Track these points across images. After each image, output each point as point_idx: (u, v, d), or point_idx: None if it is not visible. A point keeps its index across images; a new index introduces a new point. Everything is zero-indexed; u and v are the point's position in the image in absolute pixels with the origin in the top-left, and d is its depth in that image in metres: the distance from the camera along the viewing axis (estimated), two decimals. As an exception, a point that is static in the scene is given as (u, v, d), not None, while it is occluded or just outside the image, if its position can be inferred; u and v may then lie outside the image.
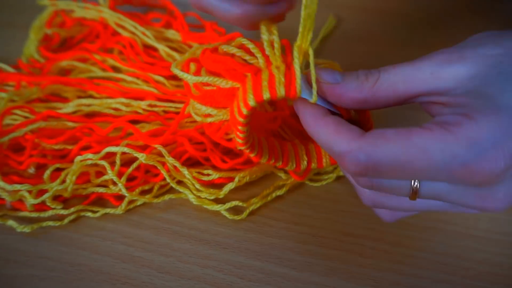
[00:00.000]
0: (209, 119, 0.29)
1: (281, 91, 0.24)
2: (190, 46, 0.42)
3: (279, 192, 0.34)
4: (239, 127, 0.26)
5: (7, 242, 0.31)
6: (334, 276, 0.30)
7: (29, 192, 0.31)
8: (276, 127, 0.33)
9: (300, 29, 0.25)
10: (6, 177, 0.32)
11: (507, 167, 0.20)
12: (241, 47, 0.26)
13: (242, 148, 0.28)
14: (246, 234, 0.32)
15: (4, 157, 0.33)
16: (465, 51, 0.23)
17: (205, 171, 0.34)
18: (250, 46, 0.25)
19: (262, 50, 0.25)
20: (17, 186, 0.31)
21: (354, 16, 0.50)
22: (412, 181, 0.23)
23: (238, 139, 0.27)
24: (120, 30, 0.42)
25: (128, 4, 0.47)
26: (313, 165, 0.32)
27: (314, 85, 0.24)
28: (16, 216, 0.32)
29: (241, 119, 0.25)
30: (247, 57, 0.26)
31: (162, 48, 0.41)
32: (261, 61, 0.25)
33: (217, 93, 0.27)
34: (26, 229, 0.31)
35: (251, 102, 0.24)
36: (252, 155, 0.29)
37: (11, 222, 0.32)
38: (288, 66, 0.25)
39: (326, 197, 0.34)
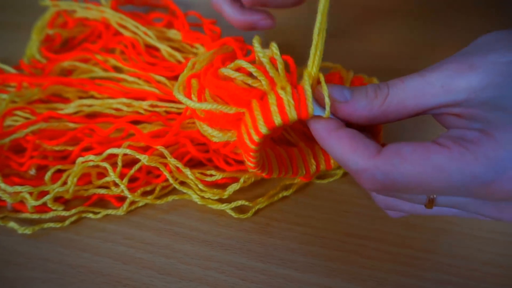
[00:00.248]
0: (215, 139, 0.29)
1: (292, 114, 0.23)
2: (192, 46, 0.42)
3: (285, 193, 0.34)
4: (251, 153, 0.25)
5: (8, 244, 0.31)
6: (337, 277, 0.30)
7: (30, 193, 0.31)
8: (279, 133, 0.33)
9: (311, 56, 0.24)
10: (7, 178, 0.32)
11: None
12: (242, 70, 0.25)
13: (254, 170, 0.27)
14: (248, 235, 0.32)
15: (5, 158, 0.33)
16: (476, 59, 0.22)
17: (208, 172, 0.34)
18: (252, 69, 0.24)
19: (264, 71, 0.24)
20: (18, 188, 0.31)
21: (355, 15, 0.50)
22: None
23: (249, 163, 0.26)
24: (122, 30, 0.42)
25: (130, 4, 0.47)
26: (322, 167, 0.31)
27: (327, 99, 0.23)
28: (17, 217, 0.32)
29: (253, 147, 0.24)
30: (250, 81, 0.24)
31: (164, 48, 0.41)
32: (264, 84, 0.24)
33: (222, 118, 0.26)
34: (27, 230, 0.31)
35: (263, 130, 0.23)
36: (263, 174, 0.28)
37: (12, 224, 0.31)
38: (294, 86, 0.24)
39: (329, 198, 0.34)
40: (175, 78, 0.39)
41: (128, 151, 0.31)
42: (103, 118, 0.36)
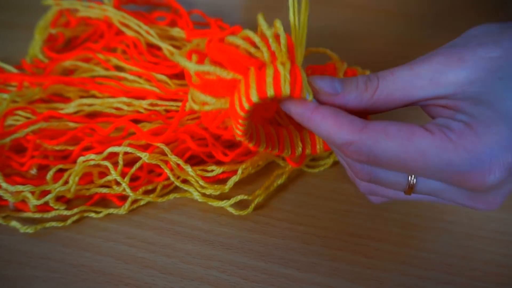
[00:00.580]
0: (207, 107, 0.28)
1: (286, 90, 0.23)
2: None
3: (280, 181, 0.34)
4: (240, 121, 0.25)
5: (10, 243, 0.31)
6: (338, 277, 0.30)
7: (32, 193, 0.31)
8: (272, 114, 0.33)
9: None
10: (9, 178, 0.32)
11: (502, 180, 0.21)
12: (247, 39, 0.25)
13: (241, 139, 0.27)
14: (249, 235, 0.32)
15: (6, 158, 0.33)
16: (465, 52, 0.22)
17: (209, 168, 0.34)
18: (256, 39, 0.25)
19: (268, 44, 0.24)
20: (20, 187, 0.31)
21: (355, 16, 0.49)
22: (409, 178, 0.23)
23: (237, 130, 0.26)
24: (124, 29, 0.42)
25: (132, 3, 0.47)
26: (307, 151, 0.32)
27: (312, 86, 0.24)
28: (19, 217, 0.32)
29: (242, 114, 0.24)
30: (252, 50, 0.25)
31: (165, 47, 0.41)
32: (266, 55, 0.24)
33: (217, 83, 0.26)
34: (29, 230, 0.31)
35: (254, 98, 0.23)
36: (250, 145, 0.28)
37: (14, 223, 0.31)
38: (293, 64, 0.24)
39: (330, 197, 0.34)
40: (177, 76, 0.39)
41: (128, 149, 0.31)
42: (104, 118, 0.36)
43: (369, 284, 0.29)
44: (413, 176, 0.23)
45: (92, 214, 0.33)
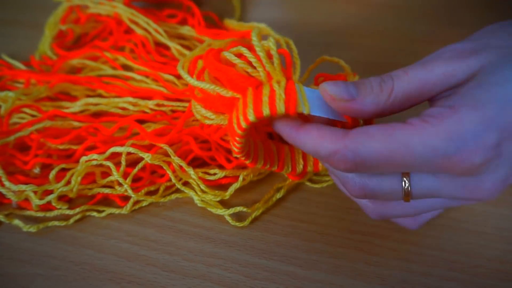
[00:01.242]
0: (208, 122, 0.29)
1: (281, 108, 0.23)
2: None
3: (278, 195, 0.33)
4: (237, 138, 0.25)
5: (13, 241, 0.31)
6: (341, 274, 0.29)
7: (35, 192, 0.31)
8: (271, 129, 0.33)
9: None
10: (12, 176, 0.32)
11: (487, 159, 0.21)
12: (243, 58, 0.25)
13: (238, 156, 0.27)
14: (251, 232, 0.32)
15: (10, 156, 0.33)
16: (478, 44, 0.22)
17: (211, 171, 0.33)
18: (252, 59, 0.25)
19: (262, 64, 0.25)
20: (23, 187, 0.31)
21: (360, 11, 0.50)
22: (403, 183, 0.23)
23: (234, 148, 0.27)
24: (133, 27, 0.42)
25: (143, 0, 0.47)
26: (309, 168, 0.32)
27: (304, 100, 0.24)
28: (22, 215, 0.32)
29: (239, 132, 0.25)
30: (249, 69, 0.25)
31: (174, 46, 0.41)
32: (262, 75, 0.25)
33: (217, 100, 0.27)
34: (32, 228, 0.31)
35: (251, 118, 0.24)
36: (247, 162, 0.28)
37: (17, 222, 0.32)
38: (288, 80, 0.24)
39: (332, 194, 0.34)
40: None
41: (131, 149, 0.32)
42: (109, 117, 0.36)
43: (372, 281, 0.29)
44: (406, 180, 0.23)
45: (94, 214, 0.33)
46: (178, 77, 0.39)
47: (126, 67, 0.40)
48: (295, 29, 0.26)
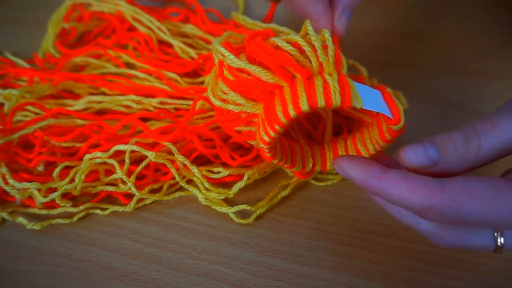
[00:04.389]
0: (230, 107, 0.27)
1: (336, 100, 0.23)
2: (207, 42, 0.41)
3: (284, 193, 0.33)
4: (277, 127, 0.24)
5: (17, 238, 0.31)
6: (345, 272, 0.29)
7: (39, 190, 0.31)
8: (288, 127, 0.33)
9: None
10: (16, 174, 0.32)
11: None
12: (296, 46, 0.25)
13: (265, 146, 0.26)
14: (255, 230, 0.32)
15: (14, 154, 0.33)
16: None
17: (215, 169, 0.33)
18: (306, 48, 0.24)
19: (317, 55, 0.24)
20: (26, 184, 0.31)
21: (366, 9, 0.49)
22: (497, 240, 0.22)
23: (267, 137, 0.25)
24: (136, 24, 0.42)
25: None
26: (317, 167, 0.32)
27: (356, 95, 0.24)
28: (26, 212, 0.32)
29: (284, 121, 0.24)
30: (301, 59, 0.24)
31: (177, 44, 0.41)
32: (315, 66, 0.24)
33: (255, 85, 0.25)
34: (36, 226, 0.31)
35: (304, 107, 0.23)
36: (268, 155, 0.28)
37: (21, 219, 0.32)
38: (340, 74, 0.24)
39: (336, 193, 0.34)
40: (187, 75, 0.39)
41: (135, 147, 0.32)
42: (112, 115, 0.36)
43: (376, 279, 0.29)
44: (499, 236, 0.22)
45: (98, 211, 0.33)
46: (182, 75, 0.39)
47: (129, 65, 0.40)
48: (299, 25, 0.26)
